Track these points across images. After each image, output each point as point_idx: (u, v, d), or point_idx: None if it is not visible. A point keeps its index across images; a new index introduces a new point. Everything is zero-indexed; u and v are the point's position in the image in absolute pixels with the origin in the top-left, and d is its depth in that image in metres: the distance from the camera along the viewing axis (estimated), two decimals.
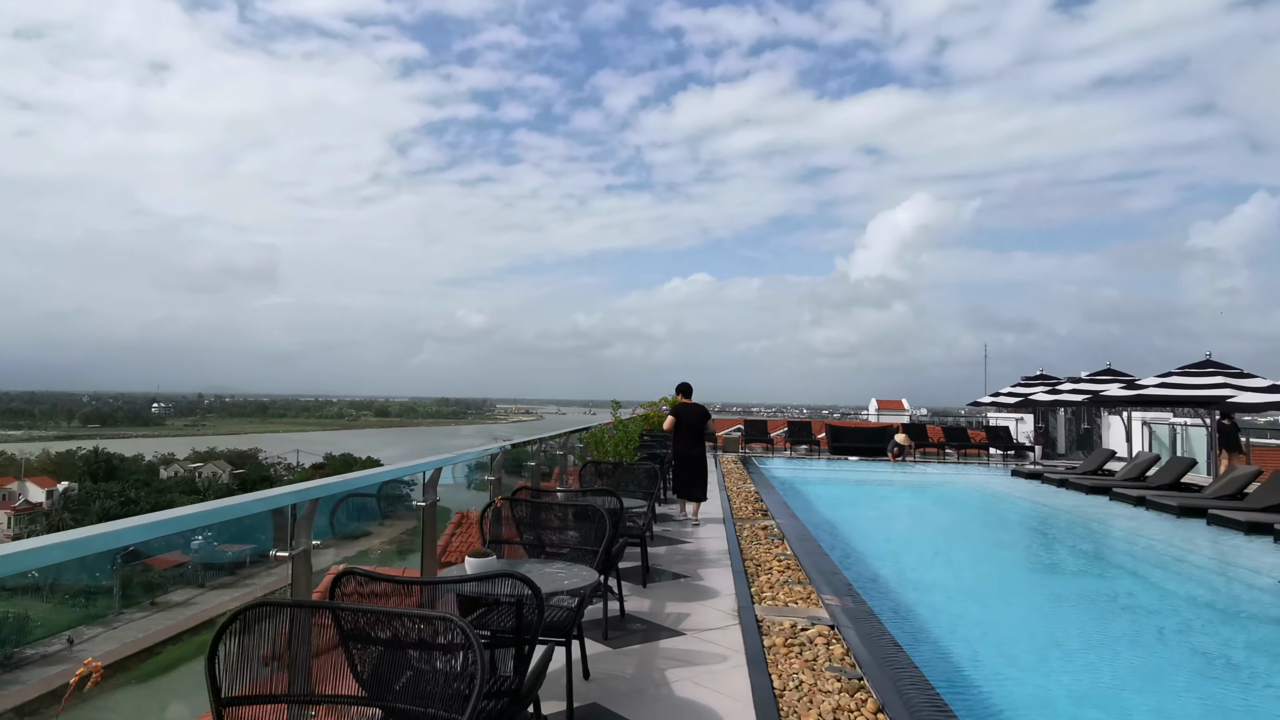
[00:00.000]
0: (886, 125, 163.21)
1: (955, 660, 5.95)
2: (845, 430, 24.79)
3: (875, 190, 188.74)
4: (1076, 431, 30.68)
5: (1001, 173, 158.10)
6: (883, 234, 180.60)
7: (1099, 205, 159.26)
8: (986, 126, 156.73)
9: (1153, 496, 13.97)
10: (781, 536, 9.26)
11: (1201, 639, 6.86)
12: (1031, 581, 9.12)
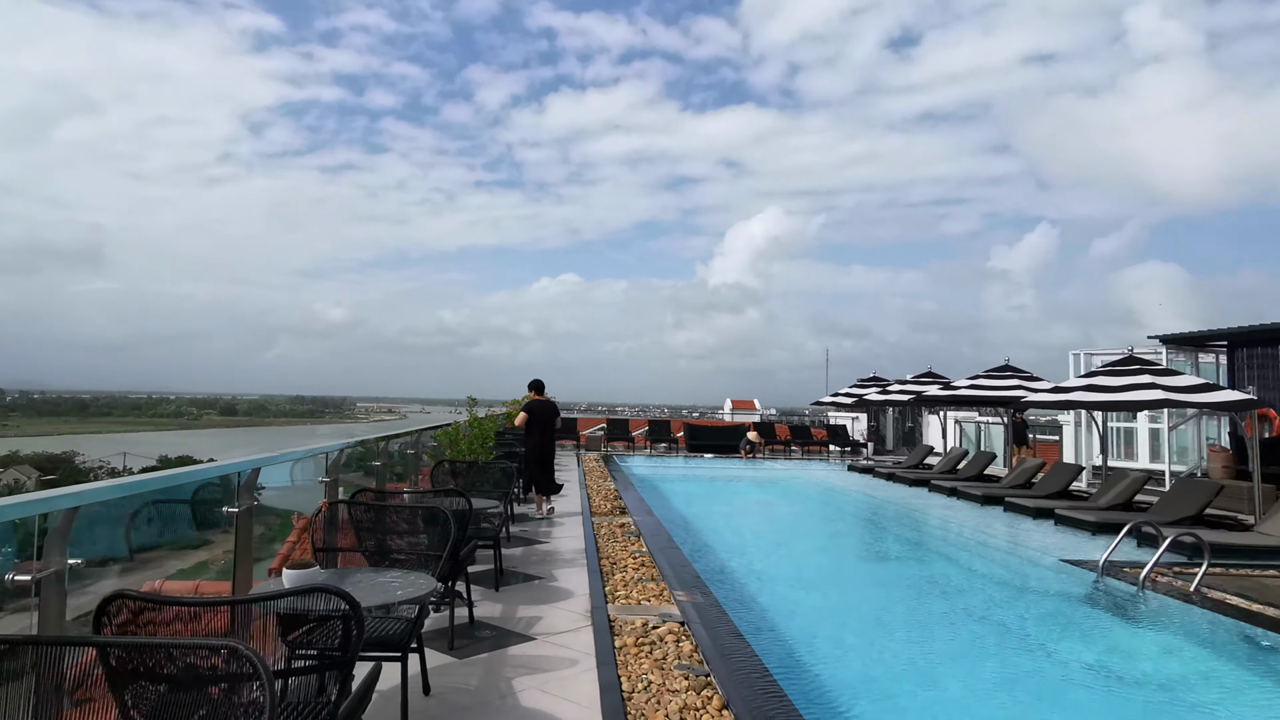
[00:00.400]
0: (745, 141, 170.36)
1: (794, 646, 6.01)
2: (701, 429, 25.21)
3: (734, 201, 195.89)
4: (902, 429, 32.61)
5: (843, 191, 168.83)
6: (739, 243, 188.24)
7: (922, 227, 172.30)
8: (831, 148, 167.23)
9: (962, 487, 14.92)
10: (638, 534, 9.14)
11: (1000, 613, 7.31)
12: (862, 568, 9.47)
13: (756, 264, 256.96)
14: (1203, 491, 11.48)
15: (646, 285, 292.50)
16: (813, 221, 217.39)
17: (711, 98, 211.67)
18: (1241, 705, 5.37)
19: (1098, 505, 12.62)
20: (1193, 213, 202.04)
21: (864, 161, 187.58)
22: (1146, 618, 7.06)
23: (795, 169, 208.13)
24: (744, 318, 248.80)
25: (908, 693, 5.33)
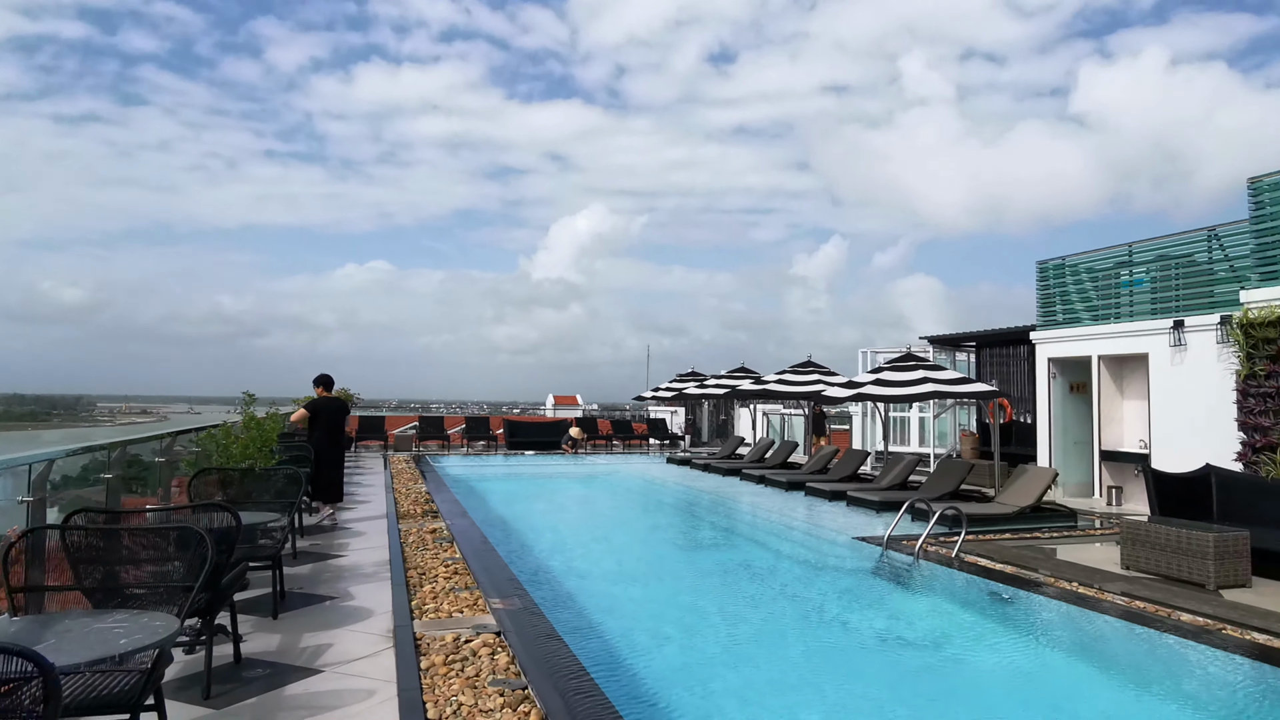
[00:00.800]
0: (572, 136, 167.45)
1: (615, 643, 5.78)
2: (522, 425, 24.66)
3: (559, 195, 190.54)
4: (717, 421, 33.80)
5: (665, 194, 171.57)
6: (563, 238, 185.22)
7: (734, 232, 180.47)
8: (654, 152, 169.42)
9: (769, 475, 15.54)
10: (451, 539, 8.56)
11: (802, 591, 7.53)
12: (680, 557, 9.46)
13: (580, 260, 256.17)
14: (958, 470, 12.61)
15: (466, 277, 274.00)
16: (636, 221, 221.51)
17: (539, 89, 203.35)
18: (988, 650, 5.85)
19: (880, 486, 13.54)
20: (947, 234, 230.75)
21: (684, 167, 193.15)
22: (921, 584, 7.52)
23: (620, 168, 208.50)
24: (567, 313, 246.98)
25: (720, 676, 5.27)
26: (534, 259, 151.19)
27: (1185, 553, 6.73)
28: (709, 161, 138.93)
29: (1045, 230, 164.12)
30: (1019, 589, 6.82)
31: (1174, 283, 12.04)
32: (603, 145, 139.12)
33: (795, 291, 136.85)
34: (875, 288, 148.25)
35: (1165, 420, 11.58)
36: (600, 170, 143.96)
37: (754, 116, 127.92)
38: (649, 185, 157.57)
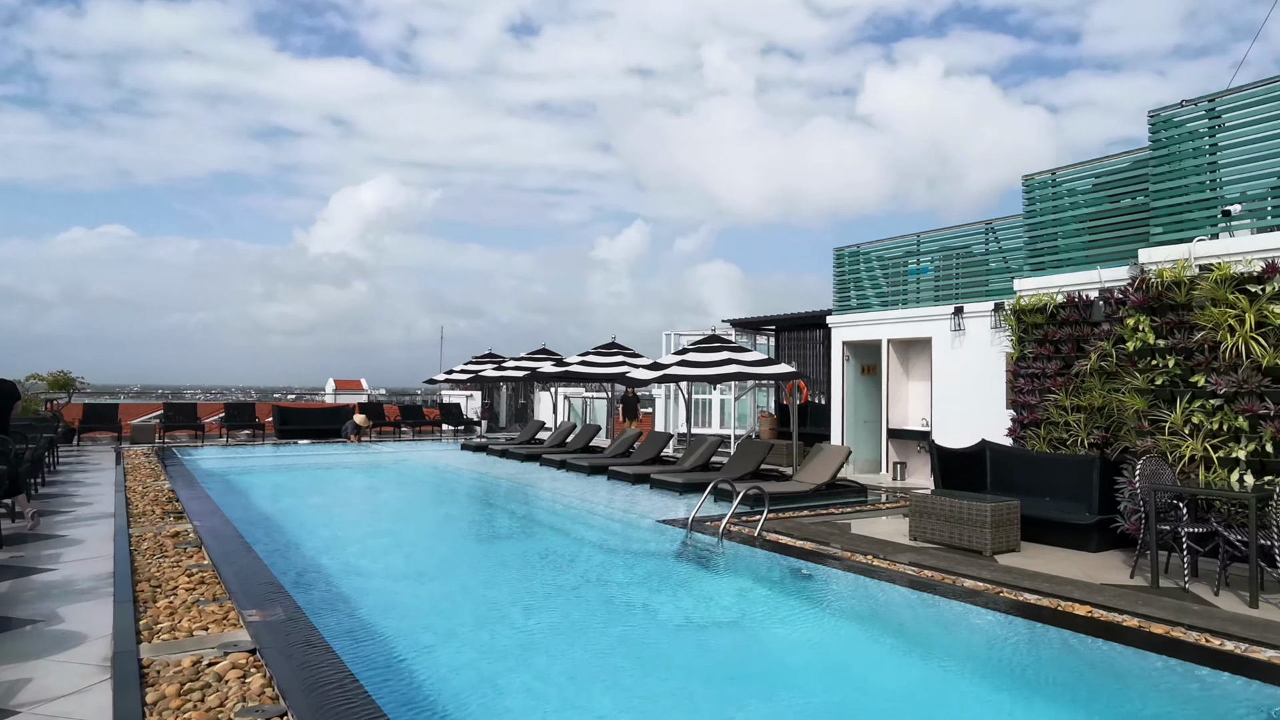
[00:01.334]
0: (356, 99, 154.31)
1: (401, 648, 5.33)
2: (295, 412, 22.75)
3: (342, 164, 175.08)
4: (515, 406, 33.36)
5: (461, 169, 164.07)
6: (347, 210, 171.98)
7: (534, 212, 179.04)
8: (450, 123, 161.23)
9: (571, 460, 15.49)
10: (199, 543, 7.57)
11: (606, 578, 7.46)
12: (476, 549, 9.06)
13: (366, 234, 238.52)
14: (758, 450, 13.30)
15: (229, 248, 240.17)
16: (429, 195, 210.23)
17: (316, 43, 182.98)
18: (791, 627, 6.12)
19: (684, 468, 13.94)
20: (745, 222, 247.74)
21: (483, 141, 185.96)
22: (725, 565, 7.74)
23: (412, 138, 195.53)
24: (351, 291, 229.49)
25: (515, 672, 5.02)
26: (312, 231, 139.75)
27: (965, 522, 7.47)
28: (509, 137, 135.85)
29: (834, 223, 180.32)
30: (818, 564, 7.21)
31: (954, 272, 13.45)
32: (392, 112, 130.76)
33: (597, 275, 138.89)
34: (676, 273, 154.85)
35: (945, 400, 12.91)
36: (389, 139, 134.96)
37: (557, 94, 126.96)
38: (444, 158, 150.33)
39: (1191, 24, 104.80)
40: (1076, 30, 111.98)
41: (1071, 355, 8.73)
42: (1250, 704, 4.19)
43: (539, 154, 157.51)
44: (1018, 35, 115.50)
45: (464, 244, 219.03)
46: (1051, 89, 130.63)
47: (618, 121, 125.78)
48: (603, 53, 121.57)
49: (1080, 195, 9.50)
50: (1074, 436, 8.53)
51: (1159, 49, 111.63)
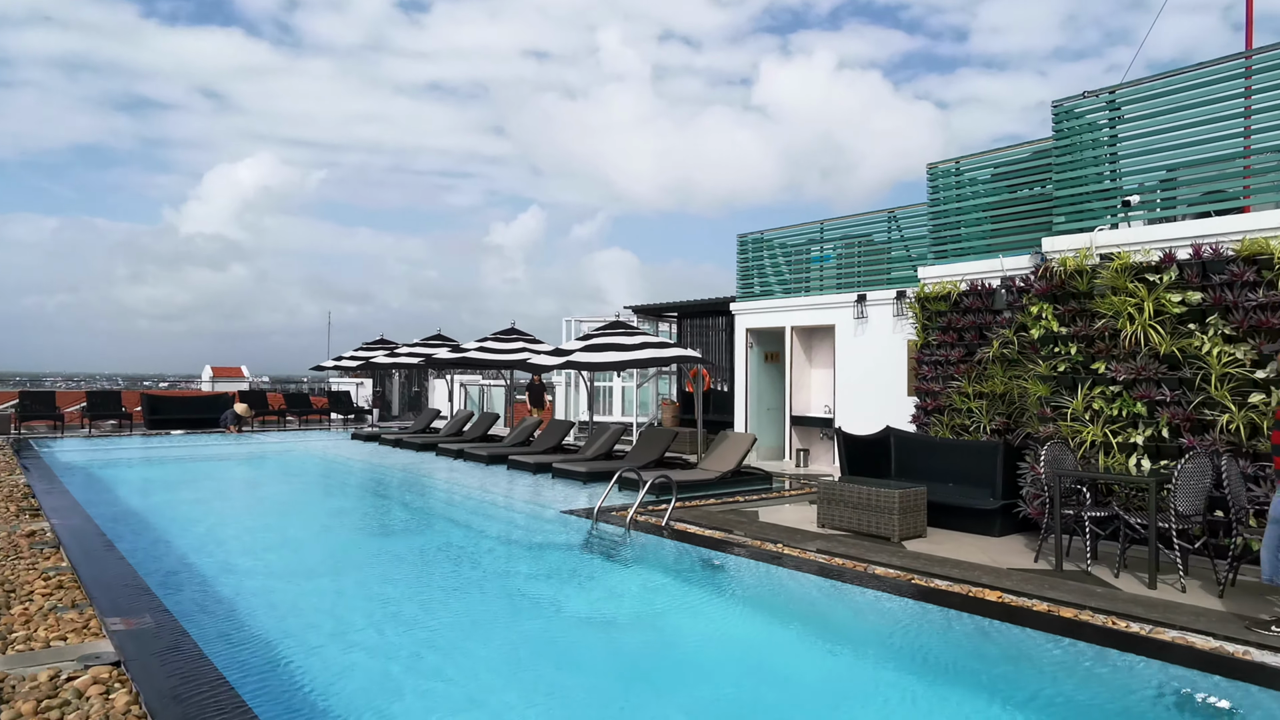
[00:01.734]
0: (231, 71, 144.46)
1: (287, 654, 4.90)
2: (167, 400, 21.18)
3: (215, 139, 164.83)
4: (409, 394, 32.28)
5: (349, 149, 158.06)
6: (222, 188, 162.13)
7: (427, 195, 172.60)
8: (336, 100, 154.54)
9: (469, 449, 15.01)
10: (56, 543, 6.81)
11: (510, 573, 7.16)
12: (369, 544, 8.53)
13: (244, 215, 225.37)
14: (662, 438, 13.22)
15: (89, 226, 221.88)
16: (313, 176, 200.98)
17: (186, 10, 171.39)
18: (703, 620, 6.00)
19: (586, 457, 13.71)
20: (641, 210, 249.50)
21: (371, 121, 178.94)
22: (633, 556, 7.57)
23: (294, 115, 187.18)
24: (228, 274, 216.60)
25: (411, 677, 4.69)
26: (183, 210, 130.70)
27: (873, 509, 7.56)
28: (400, 117, 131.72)
29: (729, 212, 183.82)
30: (728, 554, 7.13)
31: (856, 260, 13.73)
32: (272, 86, 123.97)
33: (492, 260, 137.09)
34: (573, 260, 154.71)
35: (848, 387, 13.17)
36: (268, 114, 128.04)
37: (449, 74, 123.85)
38: (329, 137, 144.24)
39: (1071, 27, 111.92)
40: (965, 29, 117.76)
41: (974, 343, 9.00)
42: (1159, 685, 4.33)
43: (431, 136, 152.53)
44: (909, 31, 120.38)
45: (353, 227, 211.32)
46: (941, 85, 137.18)
47: (512, 105, 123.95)
48: (496, 33, 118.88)
49: (981, 185, 9.80)
50: (976, 423, 8.80)
51: (1041, 50, 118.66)
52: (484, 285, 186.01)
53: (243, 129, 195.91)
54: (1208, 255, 6.66)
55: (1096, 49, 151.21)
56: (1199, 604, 5.45)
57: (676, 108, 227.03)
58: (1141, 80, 7.51)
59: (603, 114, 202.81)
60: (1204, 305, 6.62)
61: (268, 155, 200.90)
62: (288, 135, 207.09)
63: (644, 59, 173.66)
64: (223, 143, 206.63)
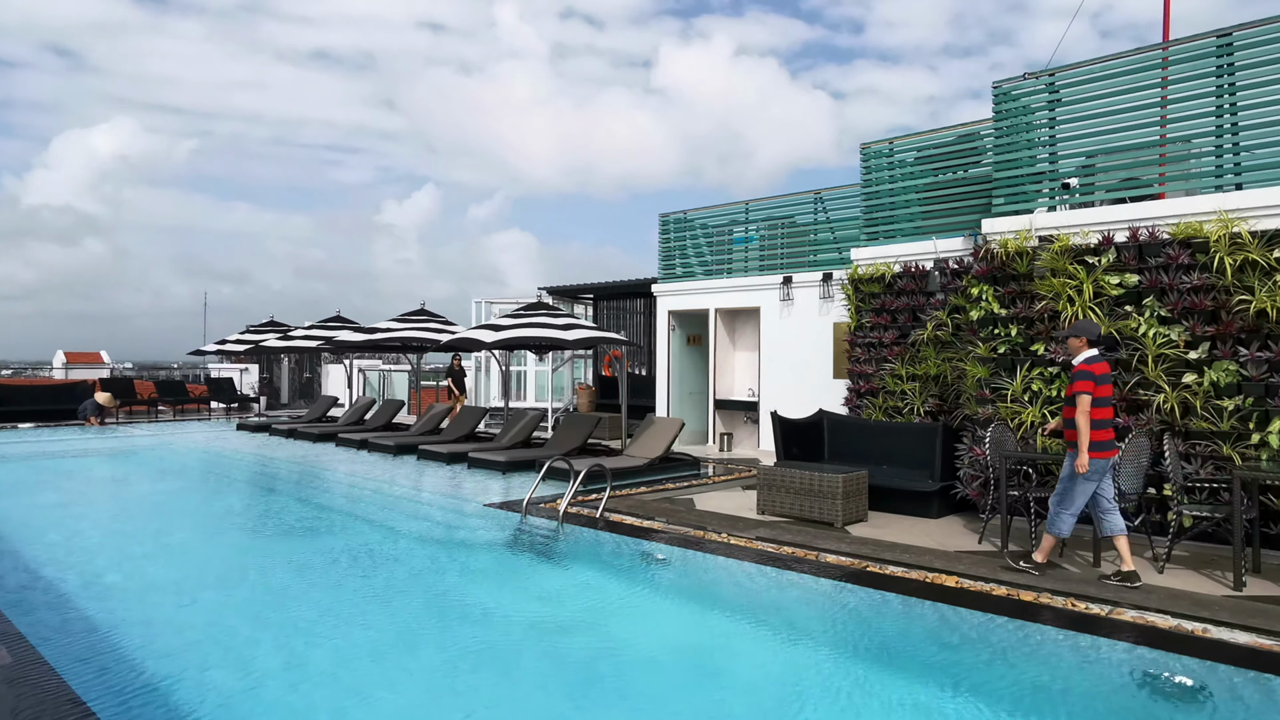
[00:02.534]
0: (85, 27, 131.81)
1: (166, 683, 4.28)
2: (13, 390, 19.24)
3: (68, 102, 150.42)
4: (299, 380, 30.66)
5: (223, 117, 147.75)
6: (73, 156, 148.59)
7: (312, 171, 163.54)
8: (209, 65, 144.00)
9: (373, 439, 14.22)
10: None
11: (431, 577, 6.62)
12: (263, 549, 7.75)
13: (101, 186, 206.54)
14: (584, 424, 12.86)
15: None
16: (181, 145, 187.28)
17: None
18: (649, 620, 5.68)
19: (503, 445, 13.19)
20: (541, 191, 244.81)
21: (249, 88, 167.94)
22: (569, 552, 7.16)
23: (159, 78, 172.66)
24: (81, 250, 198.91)
25: (326, 706, 4.17)
26: (27, 179, 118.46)
27: (816, 494, 7.42)
28: (281, 86, 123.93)
29: (630, 195, 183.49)
30: (670, 546, 6.85)
31: (779, 242, 13.67)
32: (133, 46, 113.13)
33: (382, 240, 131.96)
34: (471, 240, 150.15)
35: (774, 370, 13.11)
36: (128, 76, 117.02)
37: (337, 41, 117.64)
38: (201, 104, 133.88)
39: (958, 25, 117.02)
40: (861, 21, 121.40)
41: (908, 325, 9.00)
42: (1132, 666, 4.29)
43: (318, 107, 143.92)
44: (809, 20, 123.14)
45: (229, 202, 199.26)
46: (839, 75, 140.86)
47: (403, 77, 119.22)
48: (389, 1, 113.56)
49: (913, 166, 9.81)
50: (909, 405, 8.81)
51: (931, 46, 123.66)
52: (375, 266, 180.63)
53: (99, 91, 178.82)
54: (1144, 238, 6.78)
55: (981, 47, 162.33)
56: (1149, 582, 5.51)
57: (576, 88, 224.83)
58: (1082, 63, 7.59)
59: (499, 91, 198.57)
60: (1140, 287, 6.75)
61: (129, 121, 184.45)
62: (152, 100, 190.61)
63: (543, 36, 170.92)
64: (76, 106, 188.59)
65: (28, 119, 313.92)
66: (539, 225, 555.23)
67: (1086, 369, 5.72)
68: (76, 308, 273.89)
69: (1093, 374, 5.69)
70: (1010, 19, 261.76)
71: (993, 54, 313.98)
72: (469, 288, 61.41)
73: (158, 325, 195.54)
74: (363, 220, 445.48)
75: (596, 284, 19.64)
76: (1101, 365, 5.78)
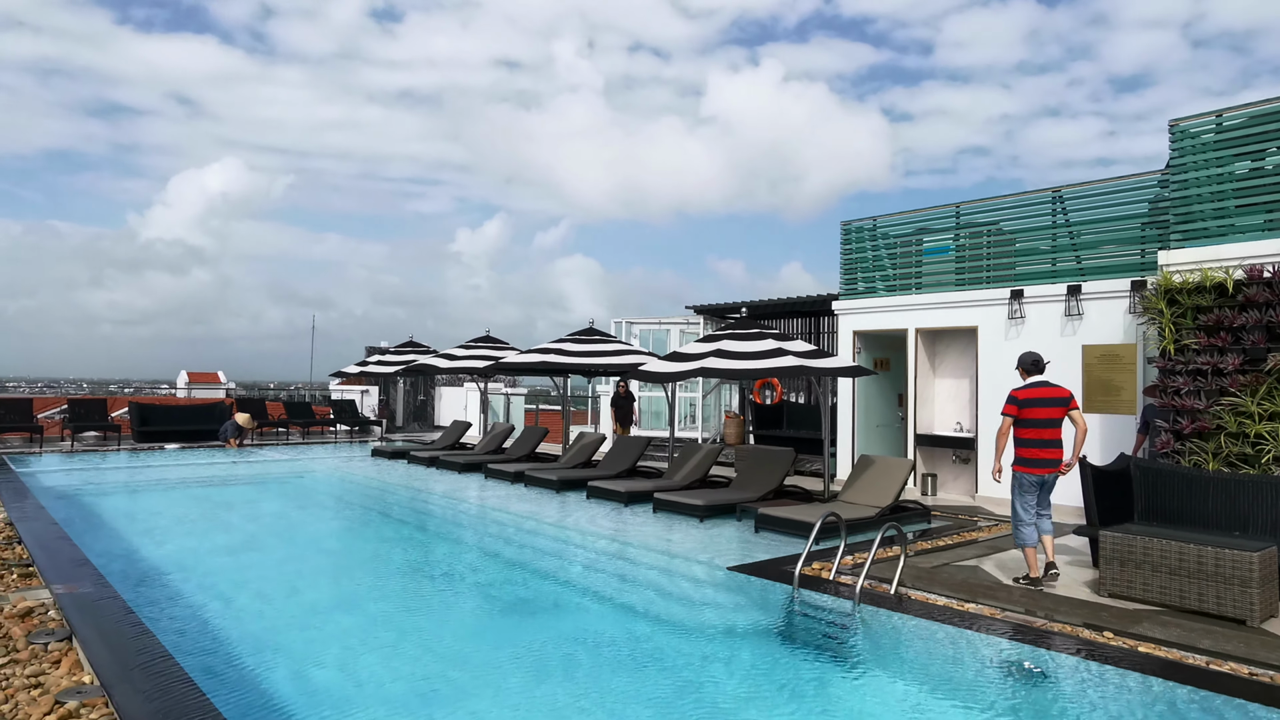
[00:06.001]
0: (204, 78, 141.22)
1: None
2: (158, 410, 18.92)
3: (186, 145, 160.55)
4: (414, 403, 30.15)
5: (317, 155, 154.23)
6: (188, 193, 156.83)
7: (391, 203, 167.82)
8: (307, 108, 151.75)
9: (530, 471, 12.98)
10: (70, 633, 4.75)
11: (701, 684, 5.06)
12: (493, 632, 6.42)
13: (208, 220, 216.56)
14: (779, 463, 11.26)
15: (50, 230, 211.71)
16: (280, 181, 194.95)
17: (160, 18, 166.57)
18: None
19: (679, 484, 11.73)
20: (601, 219, 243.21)
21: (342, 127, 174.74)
22: (887, 654, 5.42)
23: (265, 122, 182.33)
24: (190, 279, 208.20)
25: None
26: (147, 215, 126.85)
27: (1209, 577, 5.60)
28: (370, 124, 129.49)
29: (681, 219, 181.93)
30: (1017, 642, 5.18)
31: (985, 250, 11.83)
32: (243, 93, 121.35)
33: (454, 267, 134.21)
34: (536, 267, 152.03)
35: (996, 400, 11.22)
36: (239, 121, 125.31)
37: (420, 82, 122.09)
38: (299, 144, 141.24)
39: (1034, 41, 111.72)
40: (930, 42, 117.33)
41: (1261, 346, 7.11)
42: None
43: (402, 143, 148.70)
44: (875, 45, 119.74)
45: (320, 233, 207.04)
46: (906, 97, 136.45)
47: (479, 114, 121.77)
48: (468, 43, 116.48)
49: (1244, 144, 7.83)
50: (1269, 451, 6.90)
51: (1004, 64, 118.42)
52: (447, 292, 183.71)
53: (213, 135, 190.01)
54: None
55: (1059, 63, 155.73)
56: None
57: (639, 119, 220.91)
58: None
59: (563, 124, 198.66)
60: None
61: (235, 161, 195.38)
62: (257, 142, 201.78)
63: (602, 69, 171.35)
64: (192, 149, 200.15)
65: (153, 161, 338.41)
66: (600, 251, 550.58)
67: (1014, 394, 6.64)
68: (186, 331, 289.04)
69: (1016, 399, 6.58)
70: (1090, 33, 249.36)
71: (1071, 70, 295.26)
72: (534, 312, 61.94)
73: (255, 348, 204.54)
74: (435, 249, 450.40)
75: (745, 303, 18.04)
76: (1031, 391, 6.58)
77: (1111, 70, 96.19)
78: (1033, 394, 6.54)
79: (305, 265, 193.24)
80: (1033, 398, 6.53)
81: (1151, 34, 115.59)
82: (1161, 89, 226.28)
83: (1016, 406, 6.54)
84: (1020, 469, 6.55)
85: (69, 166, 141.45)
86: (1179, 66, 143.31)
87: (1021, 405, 6.51)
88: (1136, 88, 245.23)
